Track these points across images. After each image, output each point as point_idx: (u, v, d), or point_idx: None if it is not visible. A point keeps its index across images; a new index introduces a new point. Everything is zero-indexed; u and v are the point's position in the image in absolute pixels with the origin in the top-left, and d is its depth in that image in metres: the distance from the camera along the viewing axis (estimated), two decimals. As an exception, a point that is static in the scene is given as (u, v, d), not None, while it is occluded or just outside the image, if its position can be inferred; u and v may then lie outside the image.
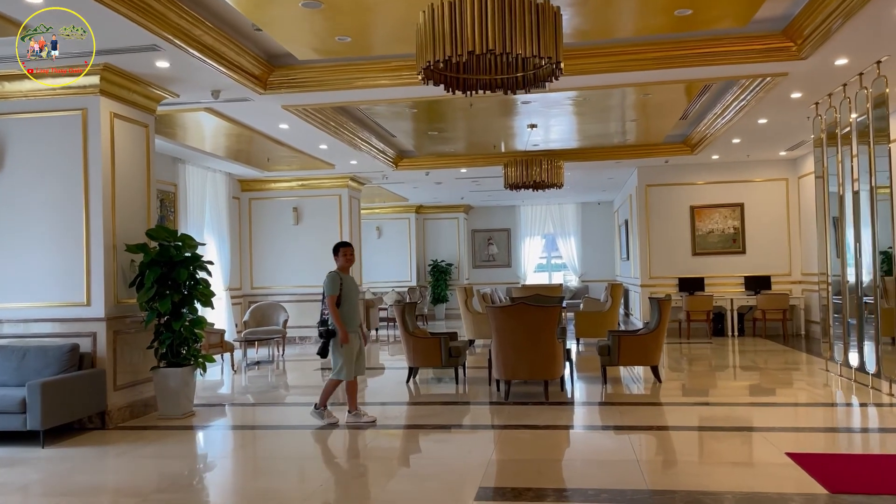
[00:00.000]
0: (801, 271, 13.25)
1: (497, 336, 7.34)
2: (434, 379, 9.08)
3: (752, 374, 9.45)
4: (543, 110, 9.55)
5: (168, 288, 6.78)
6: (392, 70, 7.27)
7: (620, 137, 12.00)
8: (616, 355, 8.08)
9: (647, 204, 13.91)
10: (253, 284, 14.35)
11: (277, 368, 11.07)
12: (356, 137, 10.66)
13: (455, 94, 4.74)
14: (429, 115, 9.86)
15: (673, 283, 13.67)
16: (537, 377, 7.33)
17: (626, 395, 7.85)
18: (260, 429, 6.87)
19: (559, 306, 7.31)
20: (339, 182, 14.01)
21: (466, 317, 12.55)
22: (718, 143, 11.53)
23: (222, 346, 10.05)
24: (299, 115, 8.67)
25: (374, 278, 19.59)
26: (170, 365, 6.87)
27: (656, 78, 7.56)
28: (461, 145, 12.30)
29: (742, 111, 9.14)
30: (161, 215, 11.28)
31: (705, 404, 7.21)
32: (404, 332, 8.56)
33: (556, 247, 21.35)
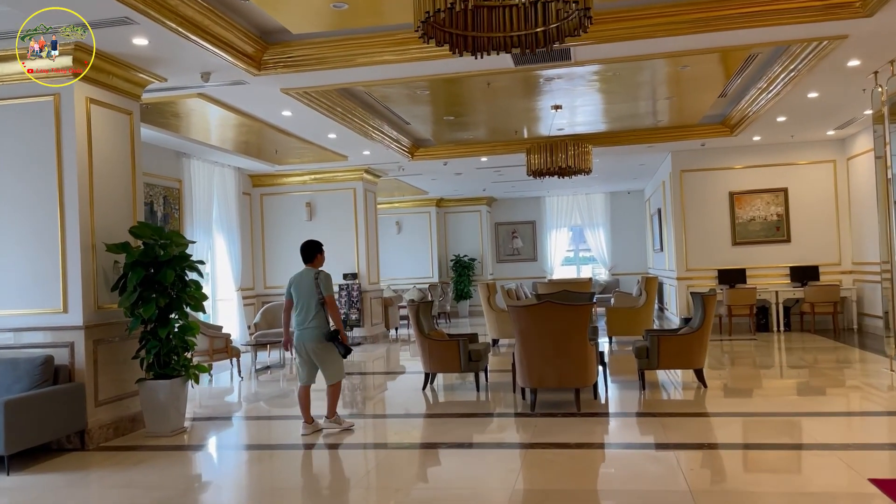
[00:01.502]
0: (853, 260, 12.22)
1: (521, 339, 6.54)
2: (454, 385, 8.32)
3: (807, 375, 8.52)
4: (568, 88, 8.70)
5: (153, 291, 6.10)
6: (397, 44, 6.50)
7: (653, 119, 11.10)
8: (655, 358, 7.24)
9: (682, 191, 12.97)
10: (266, 284, 13.72)
11: (291, 373, 10.40)
12: (367, 125, 9.92)
13: (462, 55, 3.96)
14: (443, 97, 9.07)
15: (712, 276, 12.72)
16: (567, 385, 6.52)
17: (668, 403, 7.01)
18: (256, 448, 6.14)
19: (590, 304, 6.49)
20: (353, 175, 13.29)
21: (489, 315, 11.76)
22: (761, 123, 10.58)
23: (227, 351, 9.39)
24: (301, 99, 7.94)
25: (395, 275, 18.89)
26: (157, 376, 6.20)
27: (694, 45, 6.68)
28: (480, 132, 11.49)
29: (791, 83, 8.21)
30: (165, 213, 10.67)
31: (760, 415, 6.33)
32: (419, 335, 7.80)
33: (583, 239, 20.44)
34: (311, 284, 5.96)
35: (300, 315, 5.98)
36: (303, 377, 6.12)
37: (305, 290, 5.97)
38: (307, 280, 6.00)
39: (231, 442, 6.45)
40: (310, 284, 5.97)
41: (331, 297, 5.97)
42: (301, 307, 5.98)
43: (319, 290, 5.93)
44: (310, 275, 6.02)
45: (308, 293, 5.95)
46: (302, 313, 5.97)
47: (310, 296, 5.94)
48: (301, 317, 5.98)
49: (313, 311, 5.92)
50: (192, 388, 6.50)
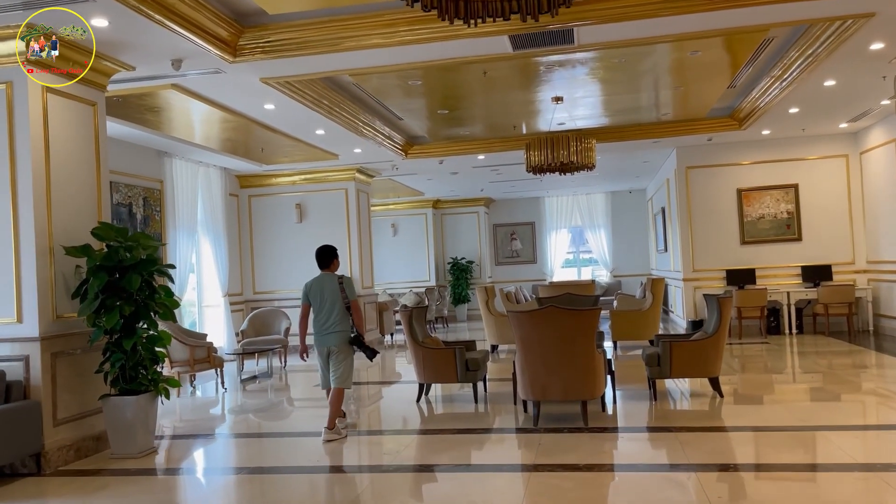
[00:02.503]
0: (867, 259, 11.69)
1: (522, 347, 5.98)
2: (450, 395, 7.76)
3: (827, 381, 7.96)
4: (570, 77, 8.15)
5: (118, 298, 5.54)
6: (385, 25, 5.95)
7: (657, 112, 10.56)
8: (668, 366, 6.69)
9: (687, 188, 12.43)
10: (255, 289, 13.14)
11: (280, 381, 9.84)
12: (357, 120, 9.37)
13: (454, 23, 3.41)
14: (437, 88, 8.51)
15: (720, 276, 12.18)
16: (574, 397, 5.96)
17: (682, 414, 6.45)
18: (234, 472, 5.55)
19: (597, 309, 5.94)
20: (344, 175, 12.73)
21: (488, 320, 11.21)
22: (772, 115, 10.05)
23: (210, 360, 8.82)
24: (284, 90, 7.39)
25: (391, 279, 18.36)
26: (123, 392, 5.64)
27: (707, 24, 6.11)
28: (477, 127, 10.95)
29: (807, 70, 7.67)
30: (145, 215, 10.12)
31: (785, 429, 5.76)
32: (412, 343, 7.24)
33: (584, 240, 19.90)
34: (336, 289, 6.04)
35: (322, 319, 6.03)
36: (324, 382, 6.19)
37: (329, 295, 6.03)
38: (331, 284, 6.07)
39: (207, 464, 5.88)
40: (334, 289, 6.04)
41: (356, 301, 6.09)
42: (324, 311, 6.02)
43: (345, 294, 6.02)
44: (333, 279, 6.10)
45: (333, 297, 6.02)
46: (324, 317, 6.02)
47: (334, 300, 6.01)
48: (323, 320, 6.02)
49: (338, 315, 6.00)
50: (163, 403, 5.93)
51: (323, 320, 6.02)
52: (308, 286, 6.16)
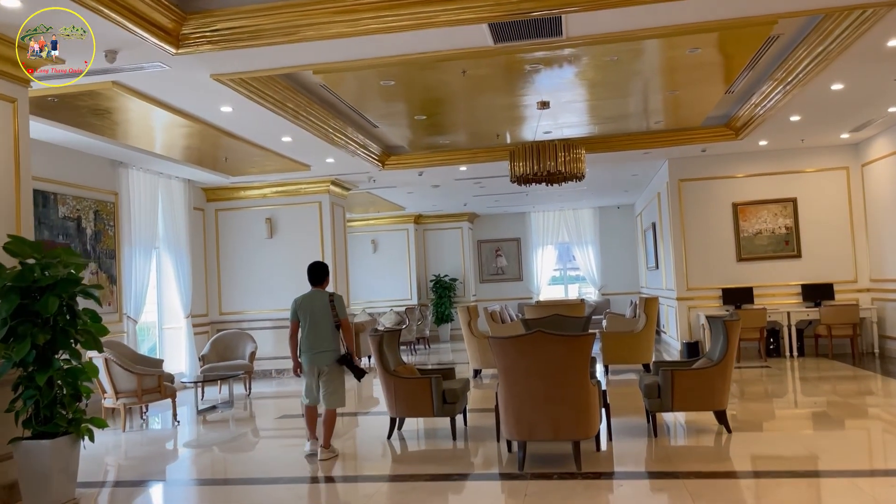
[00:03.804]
0: (870, 277, 11.05)
1: (506, 379, 5.21)
2: (426, 430, 6.96)
3: (847, 413, 7.21)
4: (557, 79, 7.44)
5: (31, 324, 4.72)
6: (347, 11, 5.21)
7: (649, 121, 9.91)
8: (669, 397, 5.94)
9: (680, 202, 11.77)
10: (221, 310, 12.29)
11: (245, 410, 9.00)
12: (327, 127, 8.63)
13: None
14: (413, 91, 7.77)
15: (716, 295, 11.49)
16: (565, 437, 5.19)
17: (687, 454, 5.68)
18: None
19: (591, 335, 5.19)
20: (318, 187, 11.97)
21: (470, 343, 10.43)
22: (771, 124, 9.42)
23: (161, 390, 7.96)
24: (240, 89, 6.64)
25: (371, 297, 17.55)
26: (38, 435, 4.80)
27: (711, 13, 5.44)
28: (458, 136, 10.23)
29: (815, 70, 7.04)
30: (97, 230, 9.29)
31: (810, 474, 5.02)
32: (383, 372, 6.44)
33: (570, 257, 19.21)
34: (326, 306, 5.90)
35: (312, 337, 5.89)
36: (312, 398, 5.98)
37: (319, 313, 5.89)
38: (320, 302, 5.93)
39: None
40: (324, 306, 5.91)
41: (346, 320, 5.96)
42: (314, 330, 5.88)
43: (335, 312, 5.88)
44: (323, 297, 5.96)
45: (322, 315, 5.89)
46: (314, 335, 5.88)
47: (324, 318, 5.88)
48: (313, 339, 5.88)
49: (329, 334, 5.87)
50: (83, 446, 5.07)
51: (314, 339, 5.87)
52: (297, 302, 5.98)
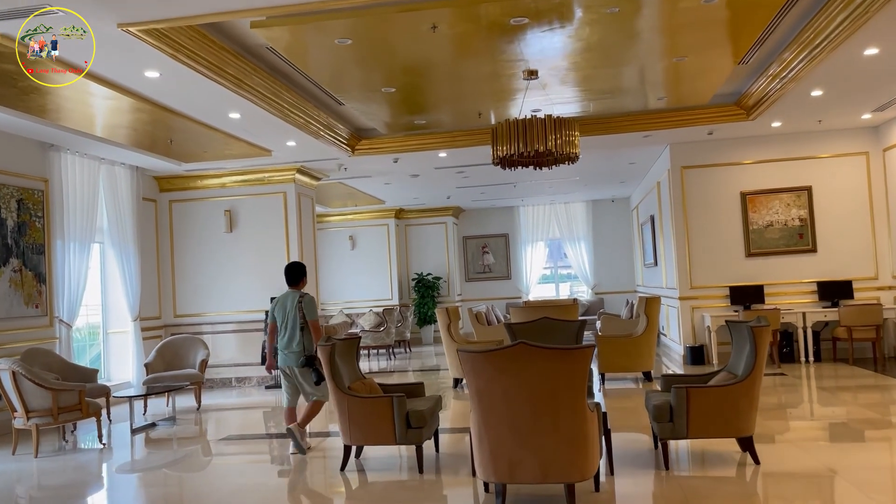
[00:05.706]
0: (893, 273, 9.99)
1: (480, 405, 4.06)
2: (389, 457, 5.81)
3: (883, 430, 6.14)
4: (546, 36, 6.26)
5: None
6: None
7: (650, 99, 8.79)
8: (684, 422, 4.81)
9: (683, 191, 10.66)
10: (176, 311, 11.09)
11: (194, 426, 7.83)
12: (280, 101, 7.47)
13: None
14: (374, 53, 6.54)
15: (723, 294, 10.39)
16: (556, 479, 4.04)
17: (708, 496, 4.53)
18: None
19: (590, 348, 4.06)
20: (282, 176, 10.80)
21: (450, 348, 9.29)
22: (788, 101, 8.33)
23: (83, 408, 6.77)
24: (161, 46, 5.45)
25: (348, 297, 16.44)
26: None
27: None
28: (435, 115, 9.06)
29: (849, 30, 5.94)
30: (21, 221, 8.11)
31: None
32: (335, 390, 5.28)
33: (562, 254, 18.11)
34: (295, 307, 5.99)
35: (285, 337, 6.03)
36: (288, 399, 6.13)
37: (290, 312, 6.01)
38: (292, 302, 6.03)
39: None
40: (294, 307, 5.99)
41: (315, 321, 6.01)
42: (285, 329, 6.02)
43: (303, 313, 5.96)
44: (294, 297, 6.05)
45: (292, 315, 6.00)
46: (286, 336, 6.02)
47: (293, 318, 5.99)
48: (286, 339, 6.02)
49: (298, 335, 5.96)
50: None
51: (286, 340, 6.02)
52: (275, 302, 6.19)
